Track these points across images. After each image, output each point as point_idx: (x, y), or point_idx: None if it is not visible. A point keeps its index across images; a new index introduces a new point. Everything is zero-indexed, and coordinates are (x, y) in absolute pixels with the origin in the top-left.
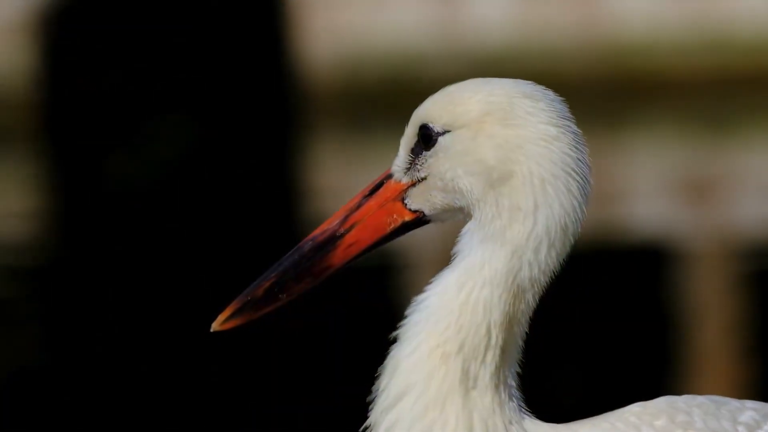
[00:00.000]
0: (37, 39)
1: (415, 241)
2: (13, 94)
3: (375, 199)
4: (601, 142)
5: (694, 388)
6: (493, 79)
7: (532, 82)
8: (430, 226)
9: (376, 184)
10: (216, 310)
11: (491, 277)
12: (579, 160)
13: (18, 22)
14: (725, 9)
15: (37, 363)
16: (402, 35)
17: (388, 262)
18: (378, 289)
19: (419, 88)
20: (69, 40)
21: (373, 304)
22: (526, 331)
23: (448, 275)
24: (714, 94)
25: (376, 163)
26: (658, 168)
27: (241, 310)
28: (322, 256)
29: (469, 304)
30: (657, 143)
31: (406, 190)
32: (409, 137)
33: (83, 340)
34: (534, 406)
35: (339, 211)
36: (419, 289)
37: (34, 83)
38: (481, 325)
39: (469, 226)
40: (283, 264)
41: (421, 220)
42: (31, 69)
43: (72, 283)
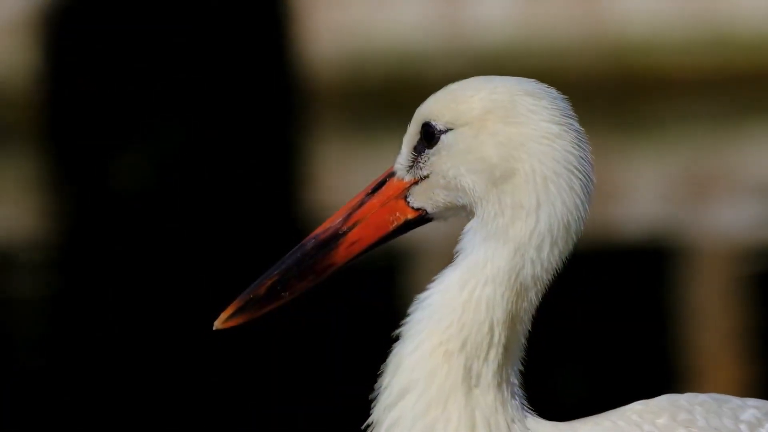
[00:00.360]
0: (38, 38)
1: (417, 241)
2: (14, 92)
3: (377, 197)
4: (603, 141)
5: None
6: (495, 77)
7: (534, 80)
8: (432, 224)
9: (378, 182)
10: (217, 310)
11: (494, 275)
12: (581, 158)
13: (20, 20)
14: (728, 7)
15: (37, 363)
16: (404, 33)
17: (389, 261)
18: (378, 289)
19: (421, 86)
20: (69, 40)
21: (373, 303)
22: (528, 329)
23: (451, 273)
24: (717, 92)
25: (378, 160)
26: (660, 166)
27: (243, 309)
28: (325, 254)
29: (471, 302)
30: (659, 141)
31: (408, 188)
32: (411, 135)
33: (83, 339)
34: (536, 404)
35: (341, 209)
36: (420, 288)
37: (36, 82)
38: (484, 323)
39: (471, 225)
40: (286, 262)
41: (423, 218)
42: (32, 68)
43: (72, 283)
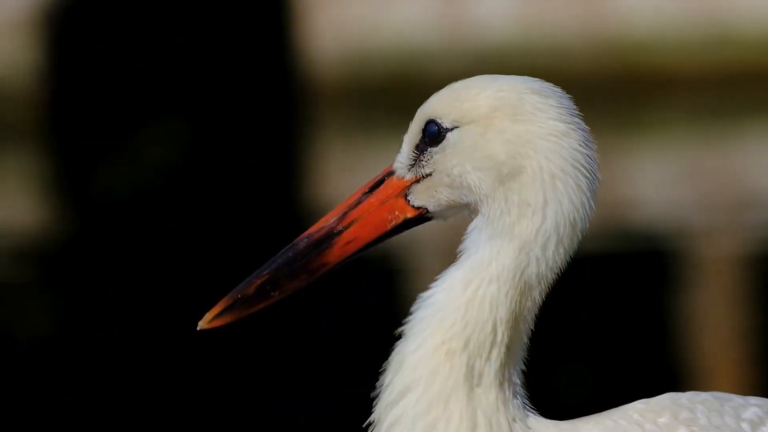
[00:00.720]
0: (39, 37)
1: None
2: (15, 90)
3: (376, 196)
4: (604, 139)
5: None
6: (499, 76)
7: (539, 79)
8: (432, 224)
9: (376, 181)
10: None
11: (498, 273)
12: (588, 156)
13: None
14: (729, 5)
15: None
16: (407, 31)
17: (389, 261)
18: (378, 289)
19: (424, 85)
20: (70, 39)
21: (373, 303)
22: (531, 329)
23: (454, 272)
24: (719, 90)
25: (380, 159)
26: (664, 164)
27: (230, 308)
28: (319, 254)
29: (475, 301)
30: (662, 140)
31: (409, 187)
32: (413, 133)
33: (83, 339)
34: (539, 403)
35: (336, 208)
36: (422, 288)
37: (36, 81)
38: (487, 322)
39: (476, 223)
40: (277, 261)
41: (423, 216)
42: (33, 67)
43: (72, 283)
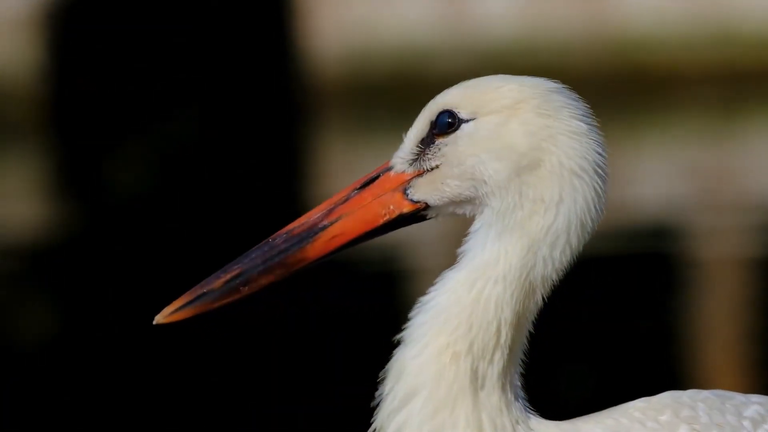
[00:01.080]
0: (40, 37)
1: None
2: (16, 89)
3: (370, 191)
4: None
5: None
6: (510, 76)
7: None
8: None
9: (370, 177)
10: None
11: (505, 273)
12: (605, 159)
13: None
14: (732, 3)
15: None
16: (409, 29)
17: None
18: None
19: (426, 83)
20: (70, 39)
21: (373, 304)
22: (530, 331)
23: (455, 274)
24: (721, 89)
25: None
26: (666, 164)
27: (192, 302)
28: (300, 248)
29: (480, 302)
30: (664, 139)
31: (410, 181)
32: (419, 127)
33: (83, 339)
34: (540, 404)
35: (322, 204)
36: (423, 289)
37: (37, 80)
38: (492, 323)
39: (481, 221)
40: (249, 256)
41: (418, 213)
42: (34, 66)
43: (72, 282)
